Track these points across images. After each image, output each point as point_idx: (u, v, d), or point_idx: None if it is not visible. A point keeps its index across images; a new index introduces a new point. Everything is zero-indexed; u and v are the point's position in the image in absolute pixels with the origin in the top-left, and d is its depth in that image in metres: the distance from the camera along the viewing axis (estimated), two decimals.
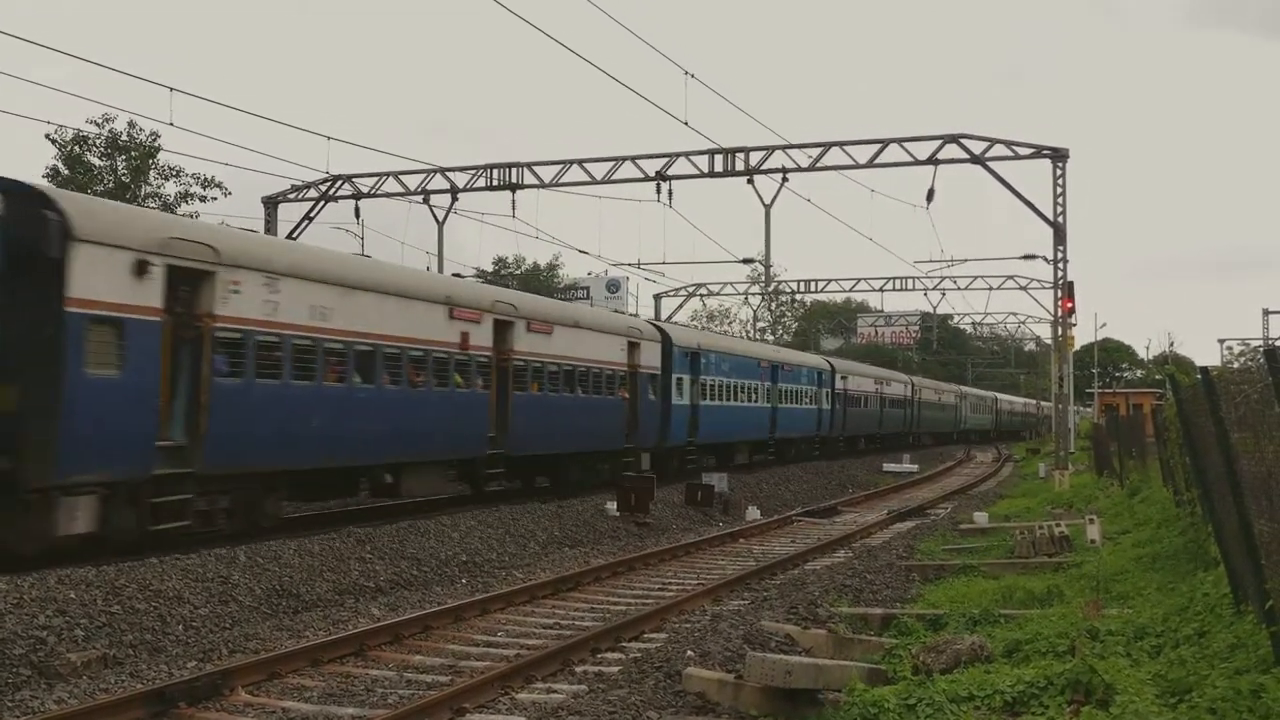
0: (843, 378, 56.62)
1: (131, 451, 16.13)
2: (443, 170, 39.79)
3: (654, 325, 37.01)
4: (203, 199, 51.49)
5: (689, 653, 11.80)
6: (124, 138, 48.98)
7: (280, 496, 20.09)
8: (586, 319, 31.69)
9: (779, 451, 47.35)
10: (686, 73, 29.81)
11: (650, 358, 34.29)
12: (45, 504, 15.13)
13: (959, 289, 62.33)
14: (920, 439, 75.23)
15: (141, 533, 16.64)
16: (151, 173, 50.43)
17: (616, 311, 39.84)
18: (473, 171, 39.51)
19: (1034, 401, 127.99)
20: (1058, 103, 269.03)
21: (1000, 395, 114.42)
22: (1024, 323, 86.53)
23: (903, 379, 72.16)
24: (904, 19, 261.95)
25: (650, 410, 33.98)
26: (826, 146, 35.91)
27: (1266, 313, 70.47)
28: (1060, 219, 35.92)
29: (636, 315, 47.97)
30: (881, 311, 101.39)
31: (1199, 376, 10.34)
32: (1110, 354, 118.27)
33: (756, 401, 44.18)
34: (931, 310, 74.54)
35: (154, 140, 49.18)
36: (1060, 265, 36.98)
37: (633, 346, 33.05)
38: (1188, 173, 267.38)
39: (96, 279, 15.55)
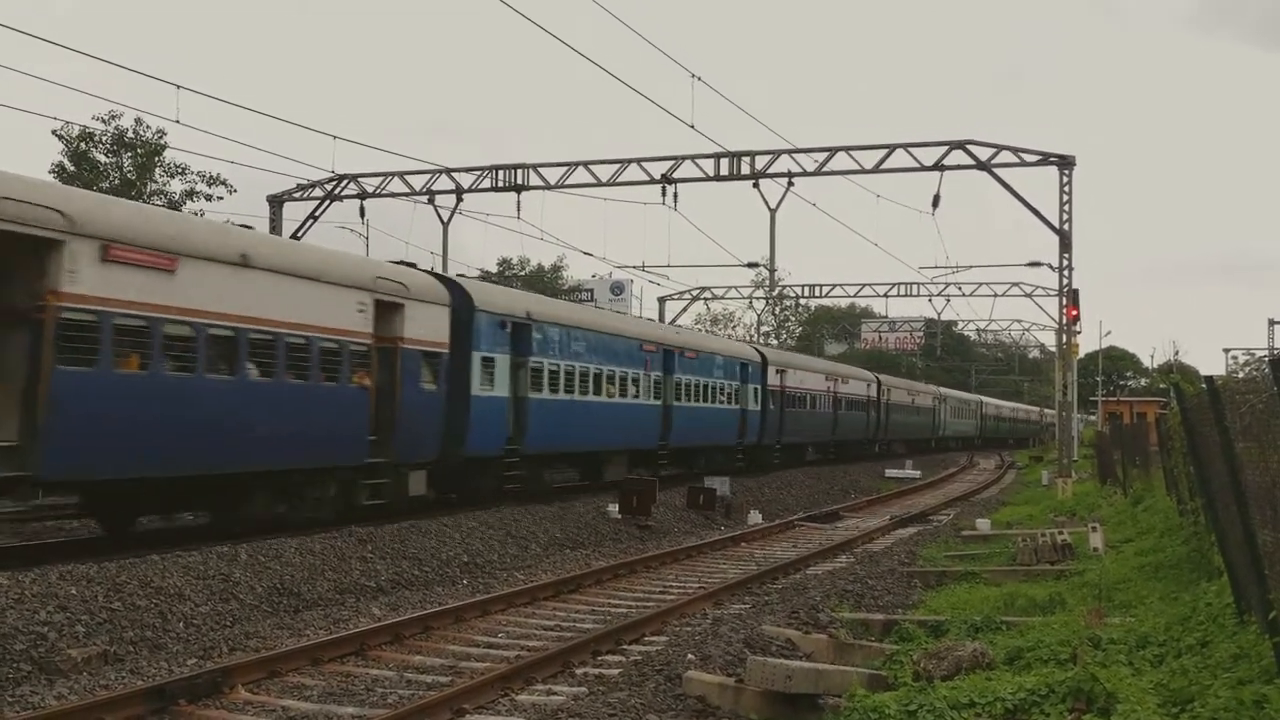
0: (779, 371, 46.87)
1: None
2: (448, 171, 39.79)
3: (439, 278, 25.89)
4: (208, 197, 51.54)
5: (689, 656, 11.79)
6: (130, 135, 49.01)
7: None
8: (269, 255, 19.66)
9: (678, 462, 38.14)
10: (693, 75, 29.83)
11: (428, 327, 23.41)
12: None
13: (964, 295, 62.33)
14: (889, 447, 68.04)
15: None
16: (157, 170, 50.48)
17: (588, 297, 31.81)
18: (478, 172, 39.51)
19: (1027, 407, 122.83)
20: (1062, 107, 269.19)
21: (986, 399, 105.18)
22: (1028, 330, 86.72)
23: (866, 376, 62.37)
24: (909, 21, 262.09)
25: (424, 406, 23.20)
26: (832, 151, 35.89)
27: (1272, 323, 70.45)
28: (1066, 226, 35.88)
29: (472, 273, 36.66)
30: (886, 317, 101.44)
31: (1204, 386, 10.32)
32: (1115, 362, 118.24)
33: (637, 397, 33.55)
34: (936, 316, 74.52)
35: (160, 138, 49.22)
36: (1065, 272, 36.95)
37: (386, 309, 22.06)
38: (1194, 177, 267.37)
39: None
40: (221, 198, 51.91)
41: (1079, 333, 41.85)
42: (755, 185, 36.57)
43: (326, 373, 20.42)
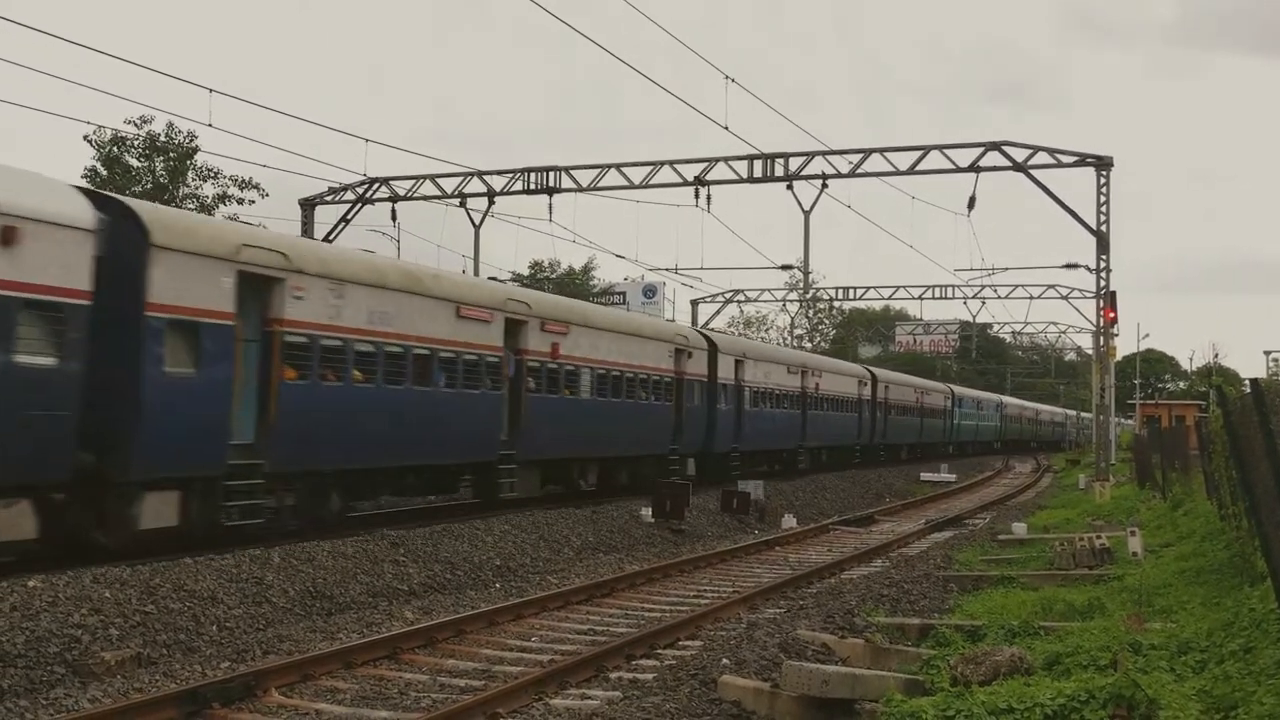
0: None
1: None
2: (480, 174, 39.84)
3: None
4: (240, 201, 51.72)
5: (724, 660, 11.70)
6: (162, 139, 49.21)
7: None
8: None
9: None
10: (727, 77, 29.73)
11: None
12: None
13: (999, 298, 61.97)
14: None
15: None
16: (190, 174, 50.66)
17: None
18: (510, 175, 39.53)
19: (980, 394, 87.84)
20: (1101, 108, 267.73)
21: (906, 378, 66.37)
22: (1064, 332, 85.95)
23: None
24: (930, 23, 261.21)
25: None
26: (867, 153, 35.76)
27: None
28: (1104, 228, 35.60)
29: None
30: (920, 320, 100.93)
31: (1246, 389, 10.18)
32: (1152, 365, 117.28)
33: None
34: (971, 319, 74.06)
35: (192, 141, 49.39)
36: (1103, 275, 36.65)
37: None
38: (1231, 178, 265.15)
39: None
40: (254, 201, 52.10)
41: (1116, 335, 41.55)
42: (789, 187, 36.50)
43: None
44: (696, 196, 36.92)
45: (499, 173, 39.77)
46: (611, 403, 29.14)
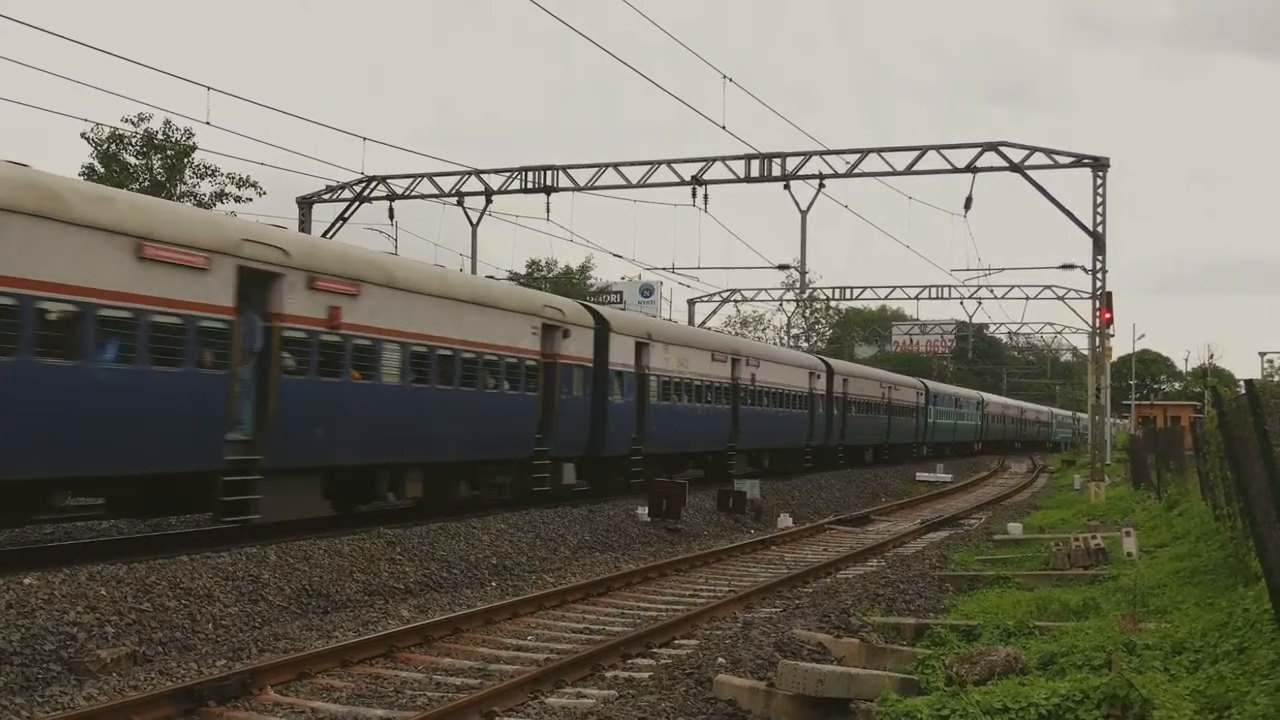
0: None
1: None
2: (477, 172, 39.80)
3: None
4: (238, 199, 51.57)
5: (720, 659, 11.71)
6: (160, 137, 49.08)
7: None
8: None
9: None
10: (725, 77, 29.73)
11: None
12: None
13: (995, 298, 61.93)
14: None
15: None
16: (187, 172, 50.54)
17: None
18: (507, 174, 39.51)
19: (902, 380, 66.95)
20: (1101, 108, 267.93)
21: (870, 370, 61.92)
22: (1060, 333, 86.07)
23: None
24: (934, 23, 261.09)
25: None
26: (864, 153, 35.75)
27: None
28: (1100, 228, 35.61)
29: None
30: (917, 320, 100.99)
31: (1242, 389, 10.20)
32: (1148, 366, 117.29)
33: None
34: (967, 319, 74.07)
35: (189, 139, 49.27)
36: (1099, 275, 36.66)
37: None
38: (1230, 178, 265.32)
39: None
40: (251, 199, 51.93)
41: (1112, 336, 41.56)
42: (786, 187, 36.45)
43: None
44: (694, 196, 36.91)
45: (496, 171, 39.75)
46: (437, 391, 22.18)
